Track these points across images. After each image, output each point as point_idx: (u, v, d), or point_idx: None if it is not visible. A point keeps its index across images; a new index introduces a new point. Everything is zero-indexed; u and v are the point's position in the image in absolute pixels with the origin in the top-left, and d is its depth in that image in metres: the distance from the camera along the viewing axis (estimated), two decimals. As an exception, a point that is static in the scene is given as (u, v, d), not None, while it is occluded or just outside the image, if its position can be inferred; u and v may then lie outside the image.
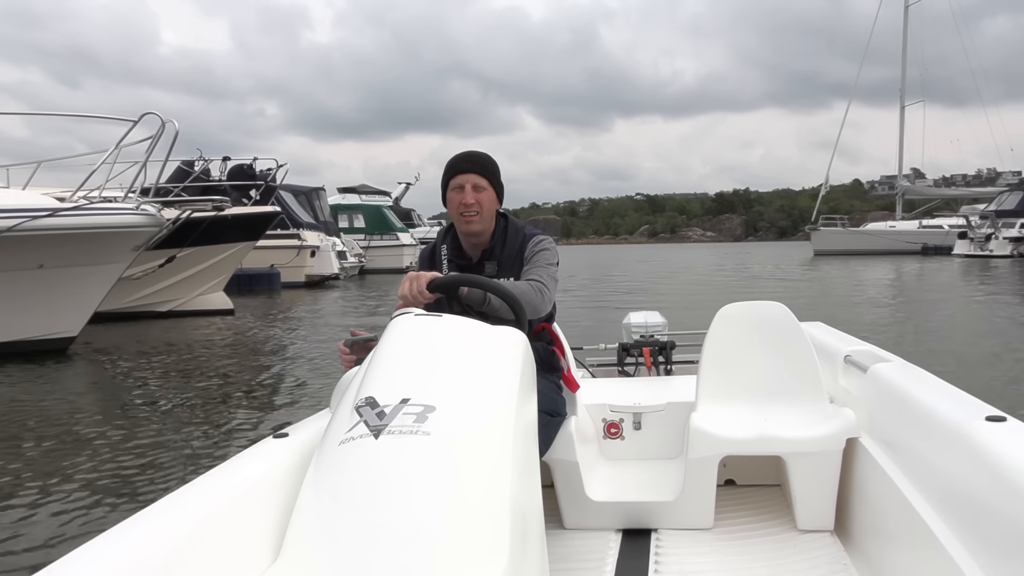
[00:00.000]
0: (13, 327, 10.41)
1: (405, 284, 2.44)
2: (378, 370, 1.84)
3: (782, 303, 3.08)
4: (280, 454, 1.93)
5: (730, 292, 21.24)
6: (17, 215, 9.62)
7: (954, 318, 14.36)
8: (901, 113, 52.26)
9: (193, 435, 6.33)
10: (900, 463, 2.34)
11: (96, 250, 10.46)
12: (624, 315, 4.83)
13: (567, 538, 2.82)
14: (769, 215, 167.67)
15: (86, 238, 10.21)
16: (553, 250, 2.75)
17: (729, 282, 26.98)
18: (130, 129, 10.36)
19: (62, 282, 10.47)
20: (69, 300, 10.71)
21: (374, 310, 18.57)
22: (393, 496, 1.45)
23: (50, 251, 10.09)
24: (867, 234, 48.85)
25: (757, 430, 2.75)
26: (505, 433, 1.68)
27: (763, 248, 78.44)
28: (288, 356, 11.11)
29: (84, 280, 10.70)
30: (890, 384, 2.60)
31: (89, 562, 1.35)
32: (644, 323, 4.56)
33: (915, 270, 31.00)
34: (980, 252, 38.51)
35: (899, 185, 52.97)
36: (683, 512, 2.81)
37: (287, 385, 8.81)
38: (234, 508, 1.66)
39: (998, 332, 11.67)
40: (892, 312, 15.85)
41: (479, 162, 2.72)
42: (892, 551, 2.28)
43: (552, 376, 2.84)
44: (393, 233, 39.68)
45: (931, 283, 24.58)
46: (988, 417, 1.97)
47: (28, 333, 10.59)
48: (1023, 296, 18.49)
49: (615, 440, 3.30)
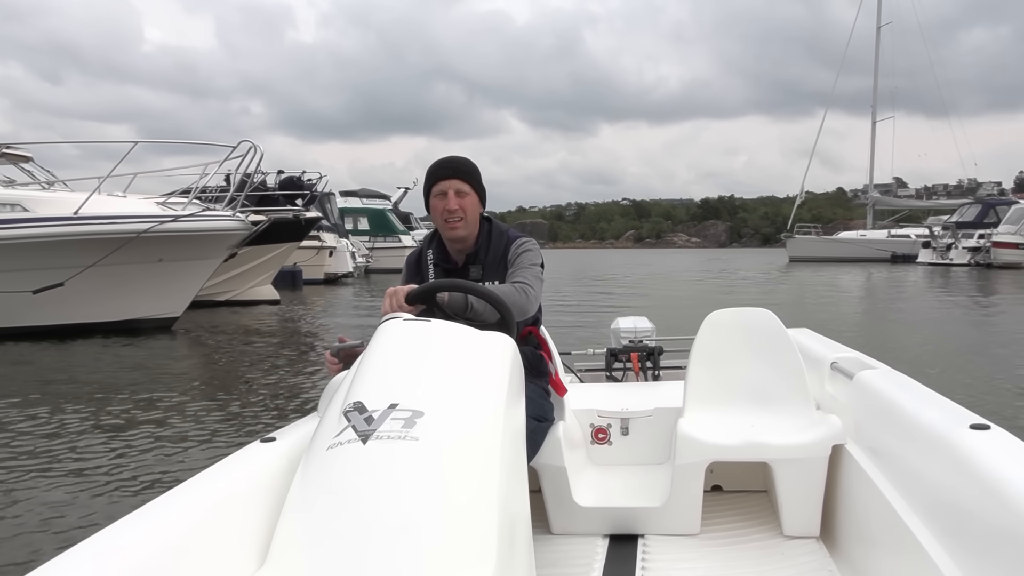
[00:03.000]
0: (134, 308, 13.19)
1: (386, 302, 2.45)
2: (366, 375, 1.83)
3: (767, 308, 3.16)
4: (267, 458, 1.93)
5: (705, 294, 24.25)
6: (149, 220, 12.43)
7: (909, 318, 16.70)
8: (872, 129, 55.20)
9: (279, 385, 9.00)
10: (885, 470, 2.34)
11: (202, 248, 13.27)
12: (611, 320, 4.98)
13: (554, 543, 2.82)
14: (753, 222, 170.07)
15: (196, 239, 13.01)
16: (536, 251, 2.77)
17: (703, 285, 29.88)
18: (229, 154, 13.16)
19: (174, 273, 13.25)
20: (178, 287, 13.50)
21: (378, 300, 21.77)
22: (381, 501, 1.45)
23: (169, 248, 12.86)
24: (839, 242, 51.55)
25: (744, 436, 2.75)
26: (493, 438, 1.68)
27: (745, 254, 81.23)
28: (333, 332, 14.11)
29: (190, 271, 13.50)
30: (876, 391, 2.60)
31: (76, 567, 1.36)
32: (632, 328, 4.56)
33: (881, 276, 33.53)
34: (941, 260, 40.92)
35: (869, 196, 55.94)
36: (670, 518, 2.81)
37: None
38: (220, 513, 1.66)
39: (952, 332, 13.56)
40: (850, 310, 18.56)
41: (460, 168, 2.73)
42: (877, 557, 2.28)
43: (540, 381, 2.85)
44: (395, 235, 42.43)
45: (891, 287, 27.42)
46: (972, 425, 1.99)
47: (145, 313, 13.37)
48: (974, 300, 20.96)
49: (603, 445, 3.30)
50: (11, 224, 11.91)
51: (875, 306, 19.97)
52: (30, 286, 11.97)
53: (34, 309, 12.17)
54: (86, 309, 12.55)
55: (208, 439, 6.25)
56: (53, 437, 6.33)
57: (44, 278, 11.98)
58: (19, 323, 12.17)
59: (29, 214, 12.13)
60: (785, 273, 36.74)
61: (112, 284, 12.53)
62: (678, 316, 10.78)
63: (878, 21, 54.99)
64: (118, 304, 12.88)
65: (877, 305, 20.22)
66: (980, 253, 38.59)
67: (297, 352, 11.94)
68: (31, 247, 11.90)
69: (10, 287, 11.85)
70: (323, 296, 24.25)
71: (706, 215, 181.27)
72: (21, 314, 12.15)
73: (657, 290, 26.04)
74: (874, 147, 55.14)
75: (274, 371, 9.78)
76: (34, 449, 5.96)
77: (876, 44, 54.88)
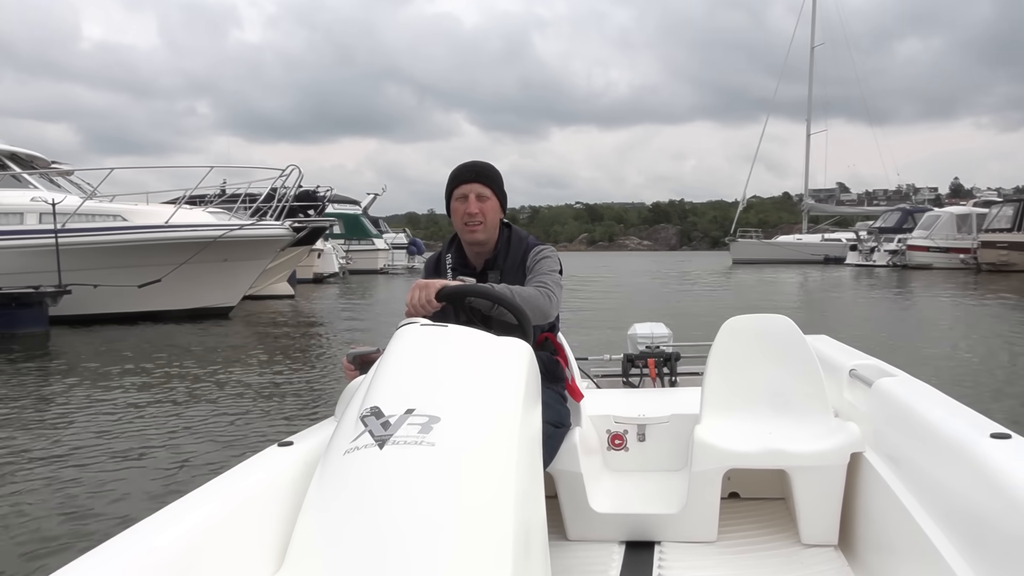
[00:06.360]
0: (204, 297, 16.54)
1: (413, 292, 2.44)
2: (383, 380, 1.85)
3: (783, 314, 3.15)
4: (284, 463, 1.96)
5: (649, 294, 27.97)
6: (223, 227, 15.82)
7: (830, 304, 21.17)
8: (807, 140, 58.92)
9: (318, 358, 12.29)
10: (904, 478, 2.33)
11: (258, 250, 16.69)
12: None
13: (570, 549, 2.82)
14: (702, 225, 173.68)
15: (255, 243, 16.42)
16: (555, 258, 2.77)
17: (663, 283, 33.56)
18: (279, 176, 16.61)
19: (234, 270, 16.61)
20: (236, 282, 16.89)
21: (366, 295, 26.91)
22: (397, 506, 1.47)
23: (233, 250, 16.22)
24: (777, 245, 55.42)
25: (761, 443, 2.73)
26: (510, 444, 1.70)
27: (694, 257, 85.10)
28: (352, 317, 17.91)
29: (247, 269, 16.89)
30: (895, 399, 2.59)
31: (96, 568, 1.40)
32: (649, 334, 4.58)
33: (814, 276, 37.04)
34: (866, 262, 44.61)
35: (805, 204, 60.33)
36: (687, 524, 2.79)
37: (358, 329, 15.70)
38: (238, 516, 1.68)
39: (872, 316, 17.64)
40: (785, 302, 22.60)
41: (482, 172, 2.75)
42: (896, 566, 2.27)
43: (556, 386, 2.85)
44: (369, 239, 45.31)
45: (822, 284, 31.52)
46: (993, 434, 1.99)
47: (209, 302, 16.72)
48: (886, 294, 25.73)
49: (619, 451, 3.28)
50: (120, 231, 15.20)
51: (811, 297, 24.36)
52: (135, 281, 15.21)
53: (137, 298, 15.43)
54: (171, 298, 15.84)
55: (261, 376, 9.61)
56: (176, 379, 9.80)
57: (146, 274, 15.26)
58: (125, 309, 15.45)
59: (128, 223, 15.43)
60: (728, 274, 40.29)
61: (191, 278, 15.83)
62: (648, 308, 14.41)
63: (812, 41, 58.93)
64: (193, 294, 16.21)
65: (812, 297, 24.63)
66: (898, 255, 42.03)
67: (319, 326, 16.07)
68: (137, 249, 15.22)
69: (120, 281, 15.06)
70: (319, 292, 27.92)
71: (657, 219, 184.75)
72: (128, 302, 15.42)
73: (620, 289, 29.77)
74: (809, 157, 59.19)
75: (311, 337, 13.75)
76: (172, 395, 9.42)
77: (810, 63, 58.95)
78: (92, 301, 14.87)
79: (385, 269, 44.92)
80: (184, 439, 6.45)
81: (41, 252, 14.62)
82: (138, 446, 6.21)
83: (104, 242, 15.19)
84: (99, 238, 15.18)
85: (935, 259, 39.21)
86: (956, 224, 40.12)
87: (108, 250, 15.14)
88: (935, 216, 42.45)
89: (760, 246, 55.10)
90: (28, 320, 13.73)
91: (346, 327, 16.47)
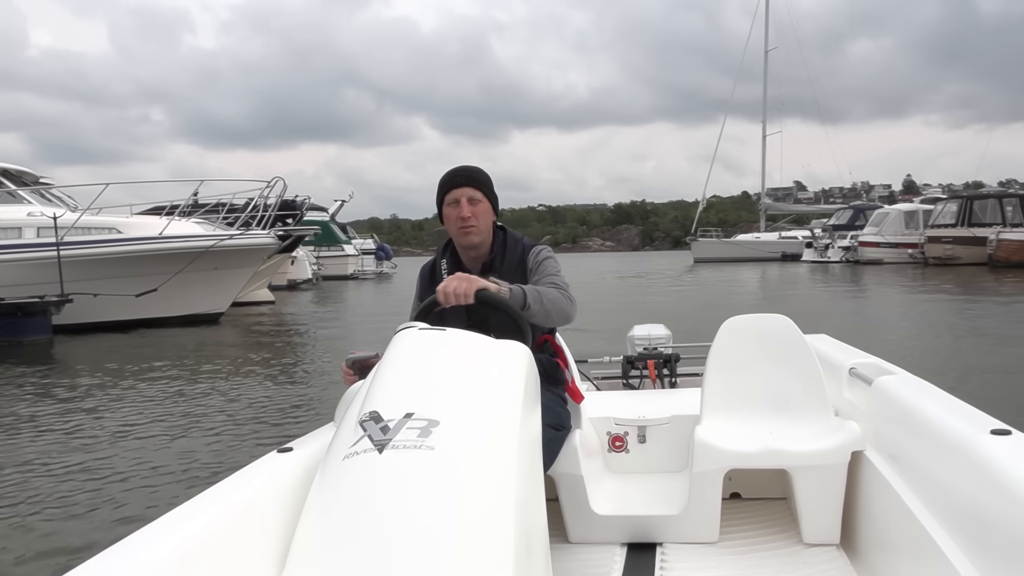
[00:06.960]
0: (193, 304, 17.38)
1: (453, 282, 2.43)
2: (382, 384, 1.85)
3: (783, 314, 3.15)
4: (284, 468, 1.97)
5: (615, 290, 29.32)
6: (212, 238, 16.69)
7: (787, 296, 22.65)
8: (763, 142, 60.59)
9: (299, 347, 13.27)
10: (906, 476, 2.33)
11: (246, 258, 17.58)
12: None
13: (572, 552, 2.81)
14: (664, 225, 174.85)
15: (243, 251, 17.31)
16: (556, 259, 2.79)
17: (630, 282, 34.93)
18: (264, 189, 17.52)
19: (224, 278, 17.48)
20: (225, 288, 17.77)
21: (341, 300, 28.19)
22: (397, 509, 1.47)
23: (224, 259, 17.08)
24: (737, 244, 56.80)
25: (762, 443, 2.73)
26: (510, 447, 1.70)
27: (657, 256, 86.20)
28: (329, 320, 19.06)
29: (236, 276, 17.77)
30: (895, 397, 2.59)
31: (98, 575, 1.40)
32: (648, 335, 4.57)
33: (772, 272, 38.44)
34: (821, 259, 46.17)
35: (762, 203, 61.80)
36: (688, 526, 2.79)
37: (341, 332, 16.61)
38: (238, 522, 1.69)
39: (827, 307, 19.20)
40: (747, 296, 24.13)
41: (472, 175, 2.75)
42: (898, 564, 2.27)
43: (556, 388, 2.84)
44: (339, 245, 46.02)
45: (778, 279, 33.12)
46: (993, 430, 1.99)
47: (201, 309, 17.57)
48: (841, 287, 27.51)
49: (620, 453, 3.28)
50: (115, 243, 16.01)
51: (770, 293, 25.91)
52: (133, 290, 16.04)
53: (134, 306, 16.24)
54: (165, 305, 16.65)
55: (264, 372, 10.72)
56: (179, 379, 10.79)
57: (143, 284, 16.08)
58: (122, 317, 16.25)
59: (123, 235, 16.24)
60: (690, 272, 41.85)
61: (184, 286, 16.66)
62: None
63: (765, 46, 60.43)
64: (186, 302, 17.03)
65: (772, 292, 26.18)
66: (850, 251, 43.58)
67: (304, 329, 16.82)
68: (134, 260, 16.05)
69: (118, 291, 15.87)
70: (295, 297, 28.92)
71: (619, 219, 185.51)
72: (125, 310, 16.23)
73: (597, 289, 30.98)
74: (765, 157, 60.81)
75: (296, 335, 14.57)
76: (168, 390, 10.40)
77: (764, 67, 60.62)
78: (91, 310, 15.69)
79: (356, 275, 45.63)
80: (191, 439, 6.80)
81: (42, 264, 15.40)
82: (152, 447, 6.51)
83: (103, 254, 16.03)
84: (98, 250, 16.01)
85: (885, 254, 40.78)
86: (904, 221, 41.89)
87: (107, 261, 15.99)
88: (884, 213, 44.25)
89: (720, 245, 56.44)
90: (33, 328, 14.48)
91: (326, 328, 17.52)
